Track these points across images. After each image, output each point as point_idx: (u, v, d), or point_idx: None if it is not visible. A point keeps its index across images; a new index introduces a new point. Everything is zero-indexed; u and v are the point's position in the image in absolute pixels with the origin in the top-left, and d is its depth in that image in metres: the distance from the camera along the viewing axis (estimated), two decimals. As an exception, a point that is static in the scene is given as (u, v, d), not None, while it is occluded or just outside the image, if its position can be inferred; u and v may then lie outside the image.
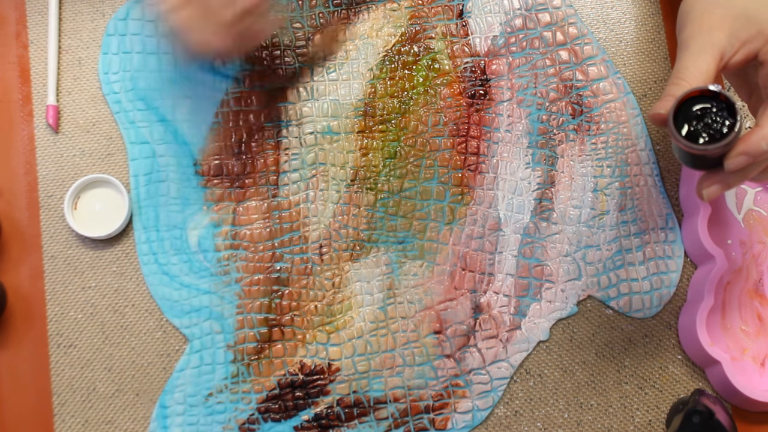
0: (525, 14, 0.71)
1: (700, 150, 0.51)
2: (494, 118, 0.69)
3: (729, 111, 0.51)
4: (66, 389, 0.65)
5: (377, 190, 0.68)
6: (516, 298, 0.66)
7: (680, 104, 0.51)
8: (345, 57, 0.70)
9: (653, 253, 0.67)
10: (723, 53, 0.53)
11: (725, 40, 0.53)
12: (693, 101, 0.51)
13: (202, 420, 0.64)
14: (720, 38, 0.53)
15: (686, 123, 0.51)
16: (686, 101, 0.51)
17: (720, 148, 0.50)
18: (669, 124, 0.51)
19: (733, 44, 0.53)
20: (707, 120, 0.51)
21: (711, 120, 0.51)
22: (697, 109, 0.51)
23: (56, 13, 0.70)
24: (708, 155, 0.51)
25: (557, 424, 0.65)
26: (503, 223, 0.67)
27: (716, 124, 0.51)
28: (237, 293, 0.66)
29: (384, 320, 0.66)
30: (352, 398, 0.65)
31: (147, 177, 0.68)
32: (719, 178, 0.53)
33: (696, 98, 0.51)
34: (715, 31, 0.54)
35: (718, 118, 0.51)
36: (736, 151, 0.51)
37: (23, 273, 0.67)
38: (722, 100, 0.51)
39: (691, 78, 0.53)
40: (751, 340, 0.66)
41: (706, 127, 0.51)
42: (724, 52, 0.53)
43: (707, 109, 0.51)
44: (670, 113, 0.51)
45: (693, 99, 0.51)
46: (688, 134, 0.51)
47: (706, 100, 0.51)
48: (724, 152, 0.51)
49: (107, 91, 0.69)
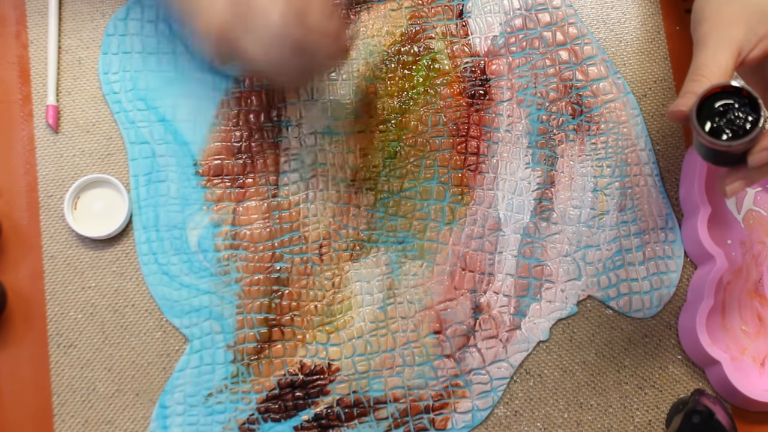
0: (525, 14, 0.71)
1: (724, 146, 0.50)
2: (494, 118, 0.69)
3: (752, 106, 0.50)
4: (66, 389, 0.65)
5: (377, 190, 0.68)
6: (516, 298, 0.66)
7: (701, 101, 0.51)
8: (345, 57, 0.70)
9: (653, 253, 0.67)
10: (741, 49, 0.53)
11: (742, 36, 0.53)
12: (714, 97, 0.51)
13: (202, 420, 0.64)
14: (737, 34, 0.53)
15: (708, 119, 0.51)
16: (707, 98, 0.51)
17: (744, 144, 0.50)
18: (692, 120, 0.51)
19: (750, 39, 0.53)
20: (730, 116, 0.50)
21: (734, 116, 0.50)
22: (719, 105, 0.51)
23: (56, 13, 0.70)
24: (731, 151, 0.51)
25: (557, 424, 0.65)
26: (503, 223, 0.67)
27: (739, 120, 0.50)
28: (237, 293, 0.66)
29: (384, 320, 0.66)
30: (352, 398, 0.65)
31: (147, 177, 0.68)
32: (742, 174, 0.53)
33: (717, 94, 0.51)
34: (732, 27, 0.53)
35: (740, 114, 0.50)
36: (760, 146, 0.50)
37: (23, 273, 0.67)
38: (744, 96, 0.50)
39: (710, 74, 0.52)
40: (751, 340, 0.66)
41: (729, 123, 0.50)
42: (742, 47, 0.53)
43: (729, 105, 0.51)
44: (692, 110, 0.51)
45: (714, 95, 0.51)
46: (711, 131, 0.51)
47: (727, 96, 0.51)
48: (747, 148, 0.51)
49: (107, 91, 0.69)
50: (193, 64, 0.69)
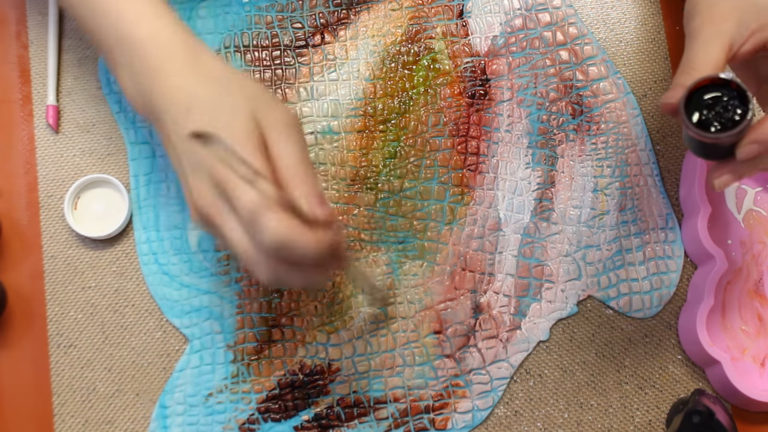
0: (525, 14, 0.71)
1: (711, 138, 0.50)
2: (494, 118, 0.69)
3: (740, 99, 0.50)
4: (66, 389, 0.65)
5: (377, 190, 0.68)
6: (516, 298, 0.66)
7: (691, 93, 0.51)
8: (345, 57, 0.70)
9: (653, 253, 0.67)
10: (732, 43, 0.53)
11: (734, 30, 0.53)
12: (703, 90, 0.51)
13: (202, 420, 0.64)
14: (729, 28, 0.53)
15: (697, 112, 0.51)
16: (697, 90, 0.51)
17: (732, 136, 0.50)
18: (680, 112, 0.51)
19: (742, 33, 0.53)
20: (718, 108, 0.50)
21: (722, 108, 0.50)
22: (708, 97, 0.51)
23: (56, 13, 0.70)
24: (720, 144, 0.51)
25: (557, 424, 0.65)
26: (503, 223, 0.67)
27: (728, 113, 0.50)
28: (237, 293, 0.66)
29: (384, 320, 0.66)
30: (352, 398, 0.65)
31: (147, 177, 0.68)
32: (731, 167, 0.53)
33: (707, 87, 0.51)
34: (724, 21, 0.53)
35: (729, 106, 0.50)
36: (747, 139, 0.50)
37: (23, 273, 0.67)
38: (733, 88, 0.50)
39: (701, 67, 0.52)
40: (751, 340, 0.66)
41: (718, 115, 0.50)
42: (733, 41, 0.53)
43: (718, 98, 0.51)
44: (681, 102, 0.51)
45: (703, 88, 0.51)
46: (700, 123, 0.51)
47: (716, 88, 0.51)
48: (736, 141, 0.51)
49: (107, 91, 0.69)
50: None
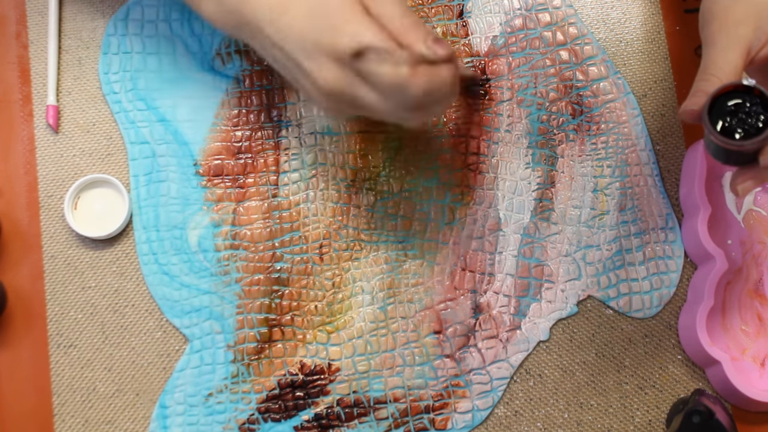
0: (525, 14, 0.71)
1: (736, 146, 0.50)
2: (494, 118, 0.69)
3: (763, 105, 0.50)
4: (66, 389, 0.65)
5: (377, 190, 0.68)
6: (516, 298, 0.66)
7: (713, 100, 0.51)
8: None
9: (653, 253, 0.67)
10: (750, 48, 0.53)
11: (752, 35, 0.53)
12: (725, 97, 0.51)
13: (202, 420, 0.64)
14: (746, 32, 0.53)
15: (719, 119, 0.51)
16: (718, 97, 0.51)
17: (756, 143, 0.50)
18: (704, 120, 0.51)
19: (759, 38, 0.53)
20: (741, 115, 0.51)
21: (745, 115, 0.50)
22: (730, 104, 0.51)
23: (56, 13, 0.70)
24: (744, 151, 0.51)
25: (557, 424, 0.65)
26: (503, 223, 0.67)
27: (751, 119, 0.50)
28: (237, 293, 0.66)
29: (384, 320, 0.66)
30: (352, 398, 0.65)
31: (147, 177, 0.68)
32: (753, 173, 0.53)
33: (728, 93, 0.51)
34: (741, 26, 0.53)
35: (752, 113, 0.50)
36: None
37: (23, 273, 0.67)
38: (756, 95, 0.50)
39: (720, 73, 0.52)
40: (751, 340, 0.66)
41: (741, 122, 0.50)
42: (751, 46, 0.53)
43: (741, 105, 0.51)
44: (704, 109, 0.51)
45: (725, 94, 0.51)
46: (723, 130, 0.51)
47: (738, 95, 0.51)
48: (759, 147, 0.51)
49: (107, 91, 0.69)
50: (193, 64, 0.69)
